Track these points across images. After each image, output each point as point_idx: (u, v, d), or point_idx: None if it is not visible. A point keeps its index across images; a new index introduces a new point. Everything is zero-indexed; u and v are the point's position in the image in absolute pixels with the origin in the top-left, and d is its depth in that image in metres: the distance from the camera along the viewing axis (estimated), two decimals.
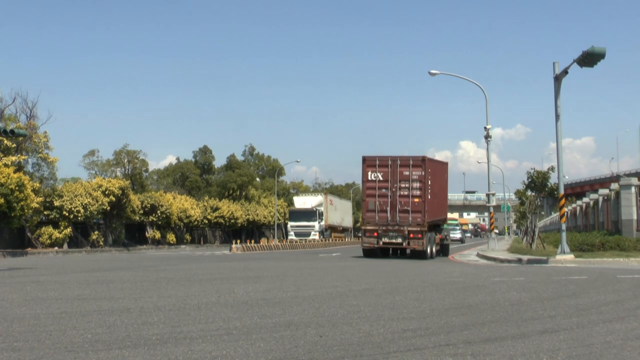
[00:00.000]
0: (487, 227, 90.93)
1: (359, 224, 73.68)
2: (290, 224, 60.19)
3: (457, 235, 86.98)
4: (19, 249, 38.33)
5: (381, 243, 28.20)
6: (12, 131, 35.05)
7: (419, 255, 27.94)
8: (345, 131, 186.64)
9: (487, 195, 35.51)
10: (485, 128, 34.58)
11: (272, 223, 69.37)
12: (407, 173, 28.24)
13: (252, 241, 47.30)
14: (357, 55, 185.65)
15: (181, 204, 54.88)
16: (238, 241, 44.53)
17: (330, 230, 63.82)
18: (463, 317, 7.98)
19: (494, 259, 25.77)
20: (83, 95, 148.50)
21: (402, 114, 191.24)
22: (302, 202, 62.60)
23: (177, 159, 77.24)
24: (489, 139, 34.71)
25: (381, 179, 28.58)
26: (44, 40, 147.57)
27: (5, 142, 41.02)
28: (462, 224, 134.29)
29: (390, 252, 30.76)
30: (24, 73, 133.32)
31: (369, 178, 28.82)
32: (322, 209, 61.24)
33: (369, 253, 28.97)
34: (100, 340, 6.20)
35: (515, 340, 6.41)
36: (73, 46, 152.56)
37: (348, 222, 74.00)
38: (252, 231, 70.94)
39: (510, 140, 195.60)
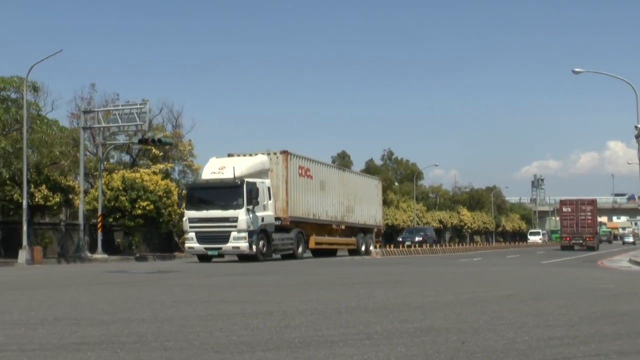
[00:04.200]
0: None
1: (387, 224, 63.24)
2: (187, 215, 29.12)
3: (630, 239, 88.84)
4: (167, 252, 40.18)
5: (571, 243, 53.07)
6: (159, 140, 37.03)
7: (592, 249, 52.11)
8: (485, 134, 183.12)
9: None
10: (635, 127, 32.84)
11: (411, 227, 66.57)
12: (584, 208, 54.12)
13: (392, 245, 47.14)
14: (498, 58, 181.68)
15: None
16: (377, 245, 44.47)
17: (300, 228, 32.73)
18: (614, 326, 7.57)
19: None
20: (223, 102, 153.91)
21: (545, 114, 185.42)
22: (217, 166, 29.58)
23: None
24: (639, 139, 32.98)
25: (570, 211, 54.27)
26: (185, 52, 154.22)
27: (154, 150, 43.17)
28: (612, 229, 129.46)
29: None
30: (169, 84, 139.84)
31: (563, 211, 55.42)
32: (265, 182, 29.85)
33: (564, 248, 53.05)
34: (245, 342, 6.35)
35: None
36: (212, 56, 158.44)
37: (369, 215, 41.17)
38: (391, 235, 70.82)
39: None
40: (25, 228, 29.03)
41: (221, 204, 28.19)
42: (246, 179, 28.25)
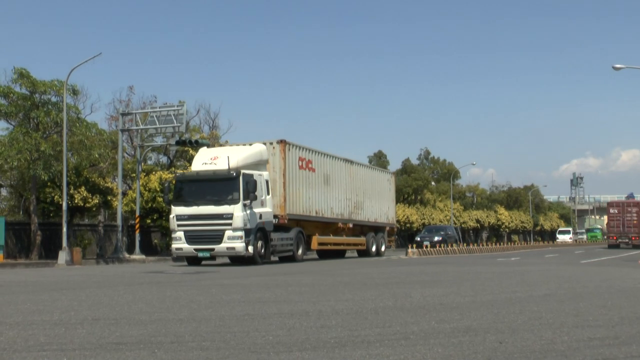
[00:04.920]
0: None
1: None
2: (175, 212, 25.57)
3: None
4: None
5: (618, 242, 57.52)
6: (196, 141, 37.32)
7: (637, 247, 54.84)
8: (523, 131, 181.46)
9: None
10: None
11: None
12: (630, 209, 58.29)
13: (428, 245, 46.81)
14: (534, 51, 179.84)
15: None
16: (414, 245, 44.28)
17: (300, 227, 29.14)
18: None
19: None
20: (258, 102, 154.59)
21: (585, 111, 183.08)
22: (209, 157, 26.38)
23: None
24: None
25: (616, 212, 58.60)
26: (223, 55, 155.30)
27: (191, 152, 43.49)
28: None
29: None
30: (206, 85, 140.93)
31: (610, 212, 59.41)
32: (264, 174, 26.45)
33: (611, 246, 57.66)
34: (281, 342, 6.37)
35: None
36: (250, 57, 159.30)
37: (380, 212, 37.44)
38: None
39: None
40: (65, 229, 29.46)
41: (214, 199, 24.80)
42: (242, 171, 24.86)
